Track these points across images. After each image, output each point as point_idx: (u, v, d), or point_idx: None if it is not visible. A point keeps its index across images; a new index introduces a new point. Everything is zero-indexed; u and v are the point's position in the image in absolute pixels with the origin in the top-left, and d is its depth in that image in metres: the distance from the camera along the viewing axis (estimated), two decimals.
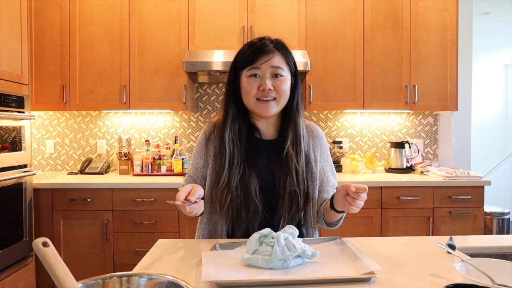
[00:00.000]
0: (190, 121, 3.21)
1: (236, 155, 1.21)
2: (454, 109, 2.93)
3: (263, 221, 1.21)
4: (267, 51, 1.18)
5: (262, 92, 1.18)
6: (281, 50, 1.21)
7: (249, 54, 1.20)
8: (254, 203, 1.19)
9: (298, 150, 1.23)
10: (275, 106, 1.20)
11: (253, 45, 1.21)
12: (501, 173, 5.64)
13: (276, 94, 1.19)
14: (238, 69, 1.23)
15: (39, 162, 3.19)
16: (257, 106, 1.20)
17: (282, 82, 1.19)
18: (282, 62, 1.20)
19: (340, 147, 3.19)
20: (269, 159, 1.25)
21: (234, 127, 1.23)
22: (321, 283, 0.86)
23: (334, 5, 2.87)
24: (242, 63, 1.21)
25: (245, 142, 1.24)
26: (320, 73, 2.86)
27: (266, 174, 1.24)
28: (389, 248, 1.14)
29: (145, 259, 1.04)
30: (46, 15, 2.81)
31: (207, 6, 2.83)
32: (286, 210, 1.21)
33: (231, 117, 1.23)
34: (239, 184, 1.19)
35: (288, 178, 1.21)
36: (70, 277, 0.59)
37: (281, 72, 1.19)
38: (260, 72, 1.18)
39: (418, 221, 2.62)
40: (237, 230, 1.23)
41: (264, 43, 1.20)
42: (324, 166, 1.32)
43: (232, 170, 1.20)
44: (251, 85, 1.19)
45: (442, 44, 2.91)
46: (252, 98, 1.19)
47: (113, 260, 2.55)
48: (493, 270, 0.85)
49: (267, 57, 1.18)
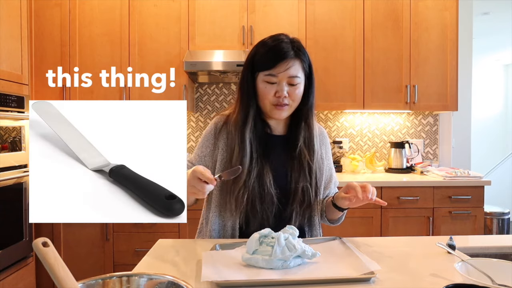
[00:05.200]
0: (190, 121, 3.21)
1: (254, 154, 1.22)
2: (454, 109, 2.93)
3: (278, 213, 1.23)
4: (286, 57, 1.17)
5: (278, 99, 1.19)
6: (299, 56, 1.20)
7: (268, 58, 1.19)
8: (269, 195, 1.21)
9: (311, 149, 1.26)
10: (288, 110, 1.23)
11: (272, 49, 1.19)
12: (501, 173, 5.64)
13: (290, 101, 1.21)
14: (255, 70, 1.22)
15: None
16: (272, 110, 1.22)
17: (296, 88, 1.20)
18: (299, 69, 1.20)
19: (340, 147, 3.19)
20: (280, 154, 1.28)
21: (252, 126, 1.24)
22: (321, 283, 0.86)
23: (334, 5, 2.87)
24: (260, 66, 1.20)
25: (261, 139, 1.25)
26: (320, 73, 2.86)
27: (278, 167, 1.26)
28: (389, 248, 1.14)
29: (145, 259, 1.04)
30: (46, 15, 2.81)
31: (207, 6, 2.83)
32: (299, 205, 1.23)
33: (251, 116, 1.23)
34: (255, 179, 1.21)
35: (301, 174, 1.24)
36: (70, 277, 0.59)
37: (297, 81, 1.20)
38: (277, 79, 1.18)
39: (418, 221, 2.62)
40: (252, 223, 1.22)
41: (282, 48, 1.18)
42: (329, 164, 1.36)
43: (251, 167, 1.21)
44: (268, 91, 1.19)
45: (442, 44, 2.91)
46: (268, 103, 1.21)
47: (113, 260, 2.55)
48: (493, 270, 0.85)
49: (286, 65, 1.17)
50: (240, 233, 1.25)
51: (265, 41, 1.23)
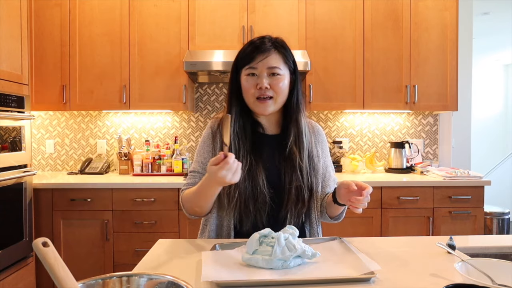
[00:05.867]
0: (190, 121, 3.21)
1: (242, 148, 1.23)
2: (454, 109, 2.93)
3: (271, 212, 1.23)
4: (263, 50, 1.21)
5: (260, 90, 1.20)
6: (279, 49, 1.23)
7: (247, 53, 1.23)
8: (262, 194, 1.21)
9: (301, 146, 1.26)
10: (272, 105, 1.23)
11: (252, 44, 1.24)
12: (501, 173, 5.65)
13: (273, 93, 1.21)
14: (238, 67, 1.25)
15: (39, 162, 3.19)
16: (255, 104, 1.23)
17: (279, 80, 1.21)
18: (279, 61, 1.22)
19: (340, 147, 3.19)
20: (273, 153, 1.28)
21: (238, 123, 1.25)
22: (321, 283, 0.86)
23: (334, 5, 2.87)
24: (242, 61, 1.24)
25: (250, 136, 1.26)
26: (320, 73, 2.86)
27: (271, 167, 1.26)
28: (389, 248, 1.14)
29: (145, 259, 1.04)
30: (46, 15, 2.81)
31: (207, 6, 2.83)
32: (293, 205, 1.23)
33: (234, 113, 1.25)
34: (247, 177, 1.21)
35: (293, 174, 1.24)
36: (70, 277, 0.59)
37: (277, 71, 1.21)
38: (257, 71, 1.21)
39: (418, 221, 2.62)
40: (245, 222, 1.22)
41: (263, 41, 1.22)
42: (326, 161, 1.36)
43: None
44: (249, 84, 1.21)
45: (442, 44, 2.91)
46: (251, 97, 1.22)
47: (113, 260, 2.55)
48: (493, 270, 0.85)
49: (263, 56, 1.20)
50: (234, 233, 1.25)
51: (250, 40, 1.27)
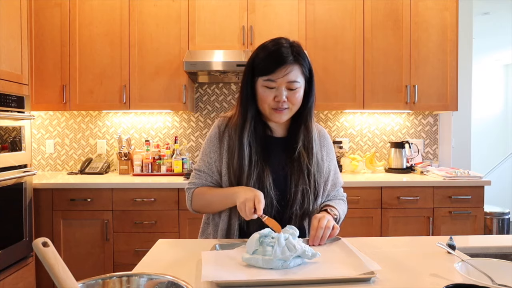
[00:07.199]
0: (190, 121, 3.21)
1: (254, 157, 1.24)
2: (454, 109, 2.93)
3: (277, 214, 1.24)
4: (284, 63, 1.17)
5: (277, 103, 1.20)
6: (298, 60, 1.20)
7: (267, 64, 1.19)
8: (269, 196, 1.22)
9: (310, 152, 1.27)
10: (287, 114, 1.24)
11: (271, 54, 1.19)
12: (501, 173, 5.65)
13: (289, 104, 1.22)
14: (255, 74, 1.23)
15: (39, 162, 3.19)
16: (271, 113, 1.23)
17: (295, 92, 1.21)
18: (298, 74, 1.20)
19: (340, 147, 3.19)
20: (280, 156, 1.29)
21: (251, 128, 1.25)
22: (321, 283, 0.86)
23: (334, 5, 2.87)
24: (259, 71, 1.21)
25: (260, 140, 1.27)
26: (320, 73, 2.86)
27: (278, 169, 1.27)
28: (389, 248, 1.14)
29: (145, 259, 1.04)
30: (46, 15, 2.81)
31: (207, 6, 2.83)
32: (298, 207, 1.25)
33: (249, 119, 1.24)
34: (255, 180, 1.23)
35: (300, 177, 1.25)
36: (70, 277, 0.59)
37: (296, 85, 1.20)
38: (276, 84, 1.19)
39: (418, 221, 2.62)
40: (252, 223, 1.23)
41: (282, 53, 1.18)
42: (329, 166, 1.36)
43: (251, 171, 1.23)
44: (267, 95, 1.20)
45: (442, 44, 2.91)
46: (267, 107, 1.22)
47: (113, 260, 2.55)
48: (493, 270, 0.85)
49: (285, 71, 1.17)
50: (241, 233, 1.27)
51: (266, 44, 1.23)
